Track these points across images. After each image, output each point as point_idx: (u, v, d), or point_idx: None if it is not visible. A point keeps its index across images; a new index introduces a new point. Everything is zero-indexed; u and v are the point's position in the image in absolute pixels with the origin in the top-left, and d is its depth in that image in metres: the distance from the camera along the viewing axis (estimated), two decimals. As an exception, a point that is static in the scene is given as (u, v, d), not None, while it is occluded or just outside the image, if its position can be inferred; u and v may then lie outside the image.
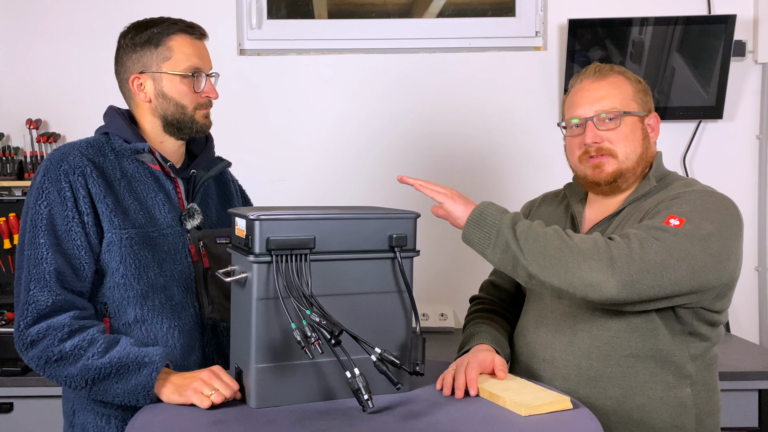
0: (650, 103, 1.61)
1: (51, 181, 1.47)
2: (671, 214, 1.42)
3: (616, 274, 1.35)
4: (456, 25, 2.75)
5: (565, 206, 1.72)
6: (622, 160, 1.55)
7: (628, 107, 1.56)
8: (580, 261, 1.37)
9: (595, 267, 1.36)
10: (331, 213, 1.39)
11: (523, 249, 1.40)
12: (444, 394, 1.41)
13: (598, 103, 1.57)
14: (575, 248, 1.38)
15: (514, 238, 1.41)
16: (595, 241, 1.39)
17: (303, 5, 2.81)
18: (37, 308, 1.41)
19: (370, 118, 2.72)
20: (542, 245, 1.39)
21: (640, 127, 1.57)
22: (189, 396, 1.34)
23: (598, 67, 1.62)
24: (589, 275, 1.36)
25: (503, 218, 1.43)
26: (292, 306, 1.30)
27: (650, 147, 1.59)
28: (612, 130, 1.55)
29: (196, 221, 1.58)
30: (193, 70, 1.56)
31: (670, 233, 1.39)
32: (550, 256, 1.38)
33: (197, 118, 1.58)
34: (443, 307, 2.70)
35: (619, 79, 1.59)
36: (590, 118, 1.57)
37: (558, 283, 1.38)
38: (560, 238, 1.40)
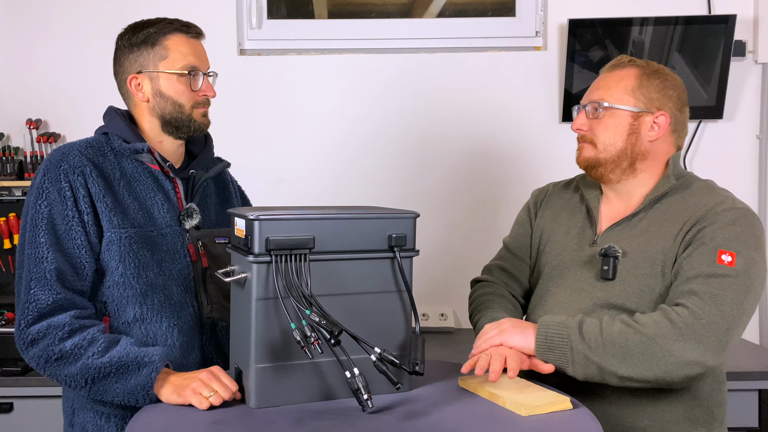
0: (661, 102, 1.58)
1: (51, 180, 1.47)
2: (720, 249, 1.44)
3: (708, 345, 1.37)
4: (456, 25, 2.75)
5: (579, 197, 1.72)
6: (600, 149, 1.58)
7: (619, 101, 1.57)
8: (668, 348, 1.37)
9: (685, 347, 1.37)
10: (330, 213, 1.39)
11: (604, 357, 1.40)
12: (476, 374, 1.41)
13: (593, 93, 1.62)
14: (656, 337, 1.38)
15: (590, 349, 1.40)
16: (670, 319, 1.39)
17: (303, 5, 2.81)
18: (38, 307, 1.42)
19: (370, 118, 2.72)
20: (622, 346, 1.39)
21: (628, 122, 1.57)
22: (187, 396, 1.34)
23: (620, 59, 1.63)
24: (683, 357, 1.37)
25: (570, 333, 1.43)
26: (291, 306, 1.30)
27: (639, 144, 1.57)
28: (594, 120, 1.59)
29: (195, 221, 1.58)
30: (189, 69, 1.56)
31: (730, 278, 1.41)
32: (636, 353, 1.38)
33: (195, 117, 1.59)
34: (443, 307, 2.70)
35: (628, 72, 1.60)
36: (583, 106, 1.62)
37: (654, 375, 1.39)
38: (635, 331, 1.39)
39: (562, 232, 1.69)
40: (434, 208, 2.69)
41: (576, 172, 1.89)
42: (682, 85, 1.63)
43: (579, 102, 1.66)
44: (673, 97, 1.59)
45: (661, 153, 1.60)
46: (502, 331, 1.48)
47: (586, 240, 1.64)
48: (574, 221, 1.69)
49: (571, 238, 1.67)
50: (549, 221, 1.74)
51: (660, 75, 1.60)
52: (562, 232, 1.69)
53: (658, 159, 1.60)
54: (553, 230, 1.72)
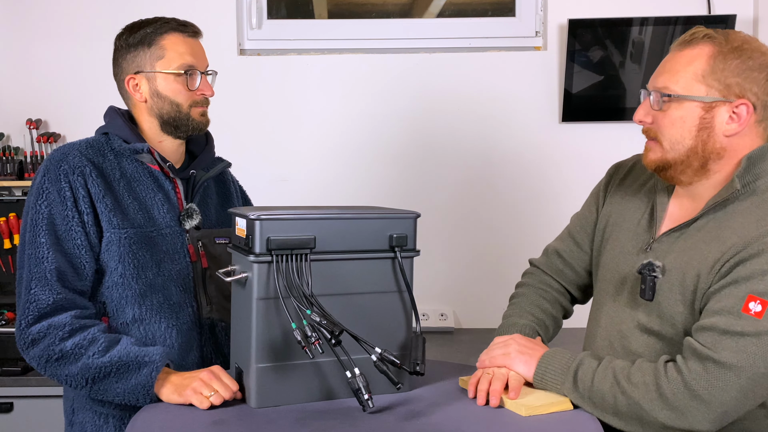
0: (742, 87, 1.31)
1: (51, 181, 1.47)
2: (750, 295, 1.22)
3: (695, 421, 1.24)
4: (456, 25, 2.75)
5: (648, 190, 1.51)
6: (667, 149, 1.36)
7: (687, 89, 1.33)
8: (654, 415, 1.26)
9: (670, 416, 1.25)
10: (331, 213, 1.39)
11: (595, 411, 1.33)
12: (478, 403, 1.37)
13: (659, 78, 1.37)
14: (642, 402, 1.27)
15: (582, 400, 1.34)
16: (658, 386, 1.26)
17: (303, 5, 2.81)
18: (38, 307, 1.42)
19: (370, 118, 2.72)
20: (611, 404, 1.30)
21: (699, 116, 1.33)
22: (188, 396, 1.34)
23: (694, 32, 1.36)
24: (671, 424, 1.25)
25: (565, 381, 1.36)
26: (292, 306, 1.30)
27: (713, 140, 1.34)
28: (659, 111, 1.36)
29: (195, 221, 1.58)
30: (186, 68, 1.55)
31: (749, 337, 1.21)
32: (624, 414, 1.29)
33: (193, 116, 1.58)
34: (443, 307, 2.70)
35: (701, 50, 1.33)
36: (648, 93, 1.39)
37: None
38: (622, 391, 1.29)
39: (624, 230, 1.51)
40: (435, 208, 2.69)
41: (574, 172, 1.89)
42: None
43: (583, 97, 1.47)
44: (759, 80, 1.31)
45: (743, 149, 1.34)
46: (507, 355, 1.42)
47: (641, 244, 1.45)
48: (637, 217, 1.50)
49: (630, 238, 1.48)
50: (615, 211, 1.55)
51: (741, 53, 1.31)
52: (625, 229, 1.51)
53: (735, 157, 1.35)
54: (617, 224, 1.53)
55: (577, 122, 2.64)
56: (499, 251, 2.68)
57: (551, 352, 1.41)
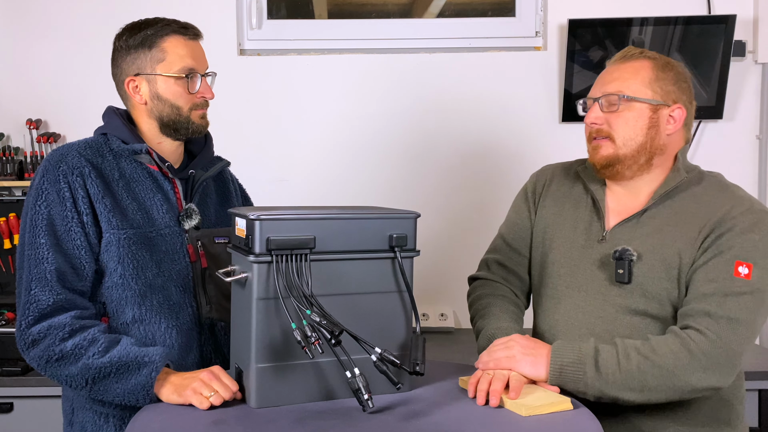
0: (677, 94, 1.53)
1: (50, 181, 1.47)
2: (738, 260, 1.42)
3: (723, 369, 1.38)
4: (456, 25, 2.75)
5: (583, 188, 1.66)
6: (620, 145, 1.52)
7: (638, 93, 1.51)
8: (687, 379, 1.38)
9: (704, 377, 1.38)
10: (331, 213, 1.39)
11: (621, 390, 1.39)
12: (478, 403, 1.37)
13: (607, 85, 1.54)
14: (675, 369, 1.37)
15: (607, 384, 1.38)
16: (688, 347, 1.38)
17: (303, 5, 2.81)
18: (39, 308, 1.42)
19: (370, 118, 2.72)
20: (640, 380, 1.38)
21: (648, 116, 1.51)
22: (188, 396, 1.33)
23: (629, 50, 1.57)
24: (701, 385, 1.38)
25: (587, 370, 1.39)
26: (292, 306, 1.30)
27: (658, 138, 1.52)
28: (612, 113, 1.52)
29: (194, 221, 1.58)
30: (187, 72, 1.55)
31: (746, 295, 1.41)
32: (654, 386, 1.38)
33: (193, 119, 1.58)
34: (443, 307, 2.70)
35: (643, 63, 1.54)
36: (597, 98, 1.55)
37: (667, 399, 1.40)
38: (653, 363, 1.38)
39: (568, 227, 1.63)
40: (435, 208, 2.69)
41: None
42: (690, 78, 1.59)
43: (583, 97, 1.59)
44: (686, 90, 1.55)
45: (675, 147, 1.56)
46: (511, 358, 1.43)
47: (593, 235, 1.58)
48: (579, 214, 1.63)
49: (578, 233, 1.61)
50: (552, 213, 1.67)
51: (672, 67, 1.55)
52: (568, 226, 1.63)
53: (671, 153, 1.56)
54: (558, 224, 1.65)
55: (577, 122, 2.64)
56: (499, 251, 2.68)
57: (558, 347, 1.43)
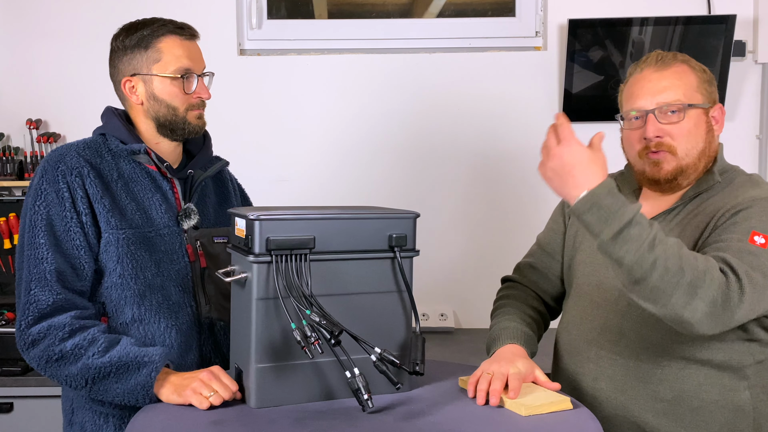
0: (715, 94, 1.51)
1: (49, 182, 1.47)
2: (754, 230, 1.34)
3: (724, 317, 1.27)
4: (456, 25, 2.75)
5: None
6: (682, 156, 1.46)
7: (693, 99, 1.46)
8: (696, 296, 1.26)
9: (707, 311, 1.26)
10: (330, 213, 1.39)
11: (643, 255, 1.26)
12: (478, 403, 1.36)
13: (660, 95, 1.47)
14: (695, 280, 1.25)
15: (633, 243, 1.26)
16: (712, 276, 1.27)
17: (303, 5, 2.81)
18: (38, 308, 1.42)
19: (370, 118, 2.72)
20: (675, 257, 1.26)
21: (705, 121, 1.48)
22: (188, 396, 1.34)
23: (660, 55, 1.51)
24: (698, 311, 1.26)
25: (620, 218, 1.27)
26: (292, 306, 1.30)
27: (713, 141, 1.50)
28: (674, 123, 1.46)
29: (193, 221, 1.58)
30: (183, 72, 1.55)
31: (762, 258, 1.31)
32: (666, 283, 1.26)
33: (189, 120, 1.58)
34: (443, 307, 2.70)
35: (683, 68, 1.49)
36: (652, 110, 1.47)
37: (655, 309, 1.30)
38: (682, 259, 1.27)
39: None
40: (434, 208, 2.69)
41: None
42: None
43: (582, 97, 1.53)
44: (717, 89, 1.53)
45: (713, 149, 1.51)
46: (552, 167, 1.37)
47: None
48: None
49: None
50: None
51: (704, 69, 1.52)
52: None
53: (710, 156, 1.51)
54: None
55: (577, 122, 2.61)
56: (499, 251, 2.68)
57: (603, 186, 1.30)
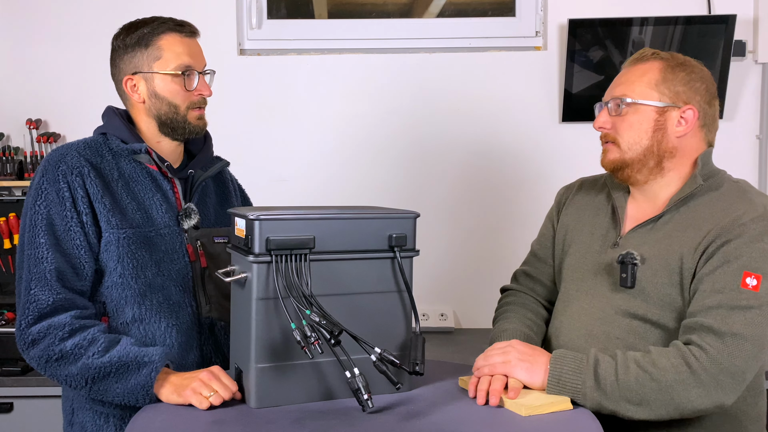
0: (688, 95, 1.49)
1: (49, 181, 1.47)
2: (746, 271, 1.36)
3: (725, 388, 1.32)
4: (456, 25, 2.75)
5: (606, 196, 1.64)
6: (624, 149, 1.51)
7: (643, 96, 1.49)
8: (686, 395, 1.32)
9: (703, 394, 1.32)
10: (330, 213, 1.39)
11: (619, 403, 1.34)
12: (478, 403, 1.37)
13: (615, 89, 1.54)
14: (675, 384, 1.32)
15: (605, 397, 1.34)
16: (688, 363, 1.33)
17: (303, 5, 2.81)
18: (38, 307, 1.42)
19: (369, 118, 2.72)
20: (638, 393, 1.33)
21: (653, 119, 1.49)
22: (188, 396, 1.34)
23: (643, 52, 1.55)
24: (701, 403, 1.32)
25: (585, 380, 1.36)
26: (291, 306, 1.30)
27: (666, 140, 1.49)
28: (618, 117, 1.52)
29: (193, 221, 1.58)
30: (183, 69, 1.55)
31: (754, 309, 1.34)
32: (653, 401, 1.33)
33: (190, 119, 1.58)
34: (443, 307, 2.70)
35: (651, 65, 1.52)
36: (606, 102, 1.55)
37: (668, 416, 1.34)
38: (651, 377, 1.33)
39: (586, 233, 1.63)
40: (434, 208, 2.69)
41: (574, 172, 1.89)
42: (711, 77, 1.54)
43: (585, 97, 1.61)
44: (700, 90, 1.50)
45: (691, 150, 1.51)
46: (507, 363, 1.41)
47: (609, 241, 1.57)
48: (598, 221, 1.62)
49: (595, 239, 1.60)
50: (573, 220, 1.68)
51: (686, 67, 1.51)
52: (586, 232, 1.63)
53: (687, 156, 1.52)
54: (577, 230, 1.65)
55: (577, 122, 2.64)
56: (499, 251, 2.68)
57: (559, 355, 1.41)
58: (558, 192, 1.79)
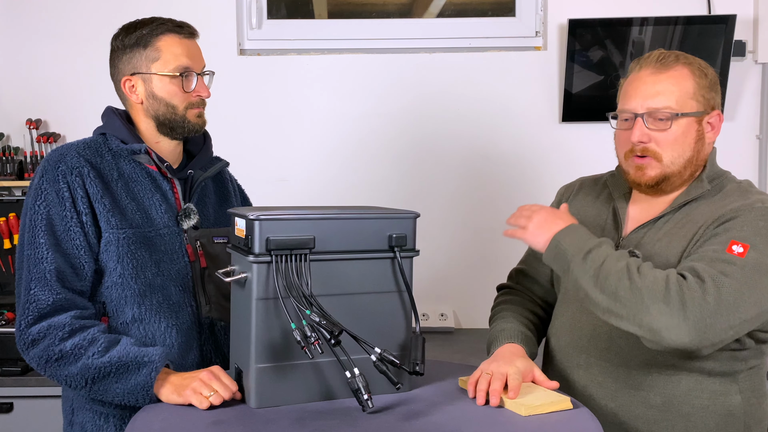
0: (715, 99, 1.47)
1: (49, 181, 1.47)
2: (733, 239, 1.33)
3: (688, 319, 1.28)
4: (456, 25, 2.75)
5: (607, 197, 1.62)
6: (667, 164, 1.45)
7: (685, 107, 1.43)
8: (650, 305, 1.29)
9: (665, 311, 1.28)
10: (330, 213, 1.39)
11: (593, 289, 1.35)
12: (478, 403, 1.37)
13: (652, 99, 1.44)
14: (646, 290, 1.30)
15: (584, 275, 1.36)
16: (667, 281, 1.31)
17: (303, 5, 2.81)
18: (38, 307, 1.42)
19: (369, 118, 2.72)
20: (612, 287, 1.33)
21: (695, 129, 1.44)
22: (188, 396, 1.34)
23: (662, 55, 1.47)
24: (659, 320, 1.29)
25: (575, 254, 1.38)
26: (291, 306, 1.30)
27: (703, 149, 1.47)
28: (662, 131, 1.43)
29: (193, 221, 1.58)
30: (182, 70, 1.55)
31: (737, 266, 1.31)
32: (621, 297, 1.32)
33: (189, 118, 1.58)
34: (443, 307, 2.70)
35: (682, 72, 1.45)
36: (641, 114, 1.44)
37: (628, 326, 1.33)
38: (631, 278, 1.33)
39: None
40: (434, 208, 2.69)
41: (574, 172, 1.89)
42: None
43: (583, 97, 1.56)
44: (718, 93, 1.49)
45: (702, 157, 1.49)
46: (525, 229, 1.45)
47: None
48: (599, 223, 1.60)
49: None
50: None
51: (707, 72, 1.48)
52: None
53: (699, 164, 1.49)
54: None
55: (577, 122, 2.64)
56: (499, 251, 2.67)
57: (572, 227, 1.42)
58: (558, 191, 1.79)
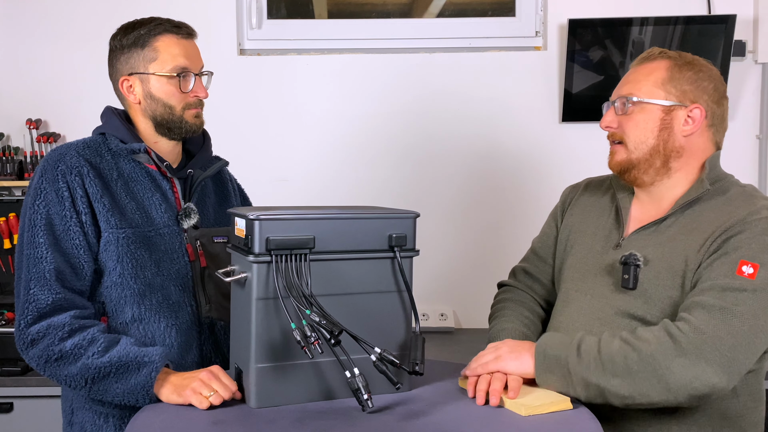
0: (695, 94, 1.48)
1: (48, 181, 1.47)
2: (742, 260, 1.35)
3: (710, 361, 1.28)
4: (456, 25, 2.75)
5: (611, 197, 1.64)
6: (632, 149, 1.50)
7: (648, 95, 1.49)
8: (669, 365, 1.29)
9: (686, 363, 1.28)
10: (330, 213, 1.39)
11: (603, 377, 1.33)
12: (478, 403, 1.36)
13: (621, 88, 1.54)
14: (657, 353, 1.30)
15: (588, 370, 1.34)
16: (670, 334, 1.31)
17: (303, 5, 2.81)
18: (38, 307, 1.42)
19: (370, 118, 2.72)
20: (621, 365, 1.31)
21: (659, 117, 1.48)
22: (188, 396, 1.33)
23: (651, 51, 1.55)
24: (685, 375, 1.28)
25: (568, 355, 1.36)
26: (291, 306, 1.30)
27: (672, 140, 1.48)
28: (624, 116, 1.51)
29: (193, 221, 1.58)
30: (179, 71, 1.55)
31: (748, 292, 1.32)
32: (636, 372, 1.30)
33: (186, 118, 1.58)
34: (443, 307, 2.70)
35: (659, 64, 1.51)
36: (613, 102, 1.54)
37: (657, 395, 1.30)
38: (633, 348, 1.32)
39: (589, 234, 1.62)
40: (434, 207, 2.69)
41: (574, 172, 1.89)
42: (719, 76, 1.52)
43: (584, 97, 1.60)
44: (708, 89, 1.49)
45: (698, 151, 1.50)
46: (498, 358, 1.41)
47: (611, 242, 1.56)
48: (602, 222, 1.61)
49: (597, 240, 1.59)
50: (577, 220, 1.67)
51: (693, 66, 1.50)
52: (589, 233, 1.62)
53: (695, 157, 1.50)
54: (580, 231, 1.65)
55: (577, 122, 2.64)
56: (499, 251, 2.68)
57: (544, 337, 1.43)
58: (564, 191, 1.79)
